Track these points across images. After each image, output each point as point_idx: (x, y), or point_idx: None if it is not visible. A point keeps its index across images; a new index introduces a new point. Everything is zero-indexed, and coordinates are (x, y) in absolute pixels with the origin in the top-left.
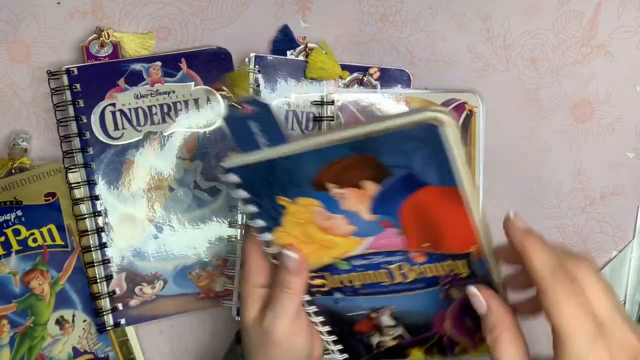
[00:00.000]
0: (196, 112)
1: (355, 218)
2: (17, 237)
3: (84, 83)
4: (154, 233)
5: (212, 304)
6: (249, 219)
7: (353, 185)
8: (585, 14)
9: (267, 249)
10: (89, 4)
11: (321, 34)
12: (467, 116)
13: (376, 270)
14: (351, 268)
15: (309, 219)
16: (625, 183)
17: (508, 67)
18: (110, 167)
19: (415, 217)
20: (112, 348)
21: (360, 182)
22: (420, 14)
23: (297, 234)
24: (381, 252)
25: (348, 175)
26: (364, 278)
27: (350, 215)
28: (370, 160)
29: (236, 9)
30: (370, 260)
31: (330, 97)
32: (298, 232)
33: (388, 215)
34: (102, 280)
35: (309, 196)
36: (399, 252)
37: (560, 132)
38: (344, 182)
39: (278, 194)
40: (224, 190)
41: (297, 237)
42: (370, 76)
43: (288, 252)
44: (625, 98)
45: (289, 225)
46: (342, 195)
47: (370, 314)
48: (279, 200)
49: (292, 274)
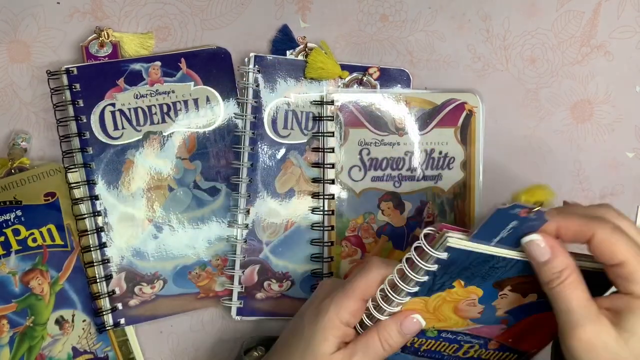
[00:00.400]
0: (196, 112)
1: (490, 310)
2: (16, 237)
3: (84, 83)
4: (154, 233)
5: (212, 304)
6: (408, 284)
7: (522, 293)
8: (585, 14)
9: (386, 306)
10: (89, 4)
11: (321, 34)
12: (466, 116)
13: (450, 344)
14: (436, 336)
15: (456, 301)
16: (625, 183)
17: (508, 67)
18: (109, 167)
19: (529, 324)
20: (111, 348)
21: (530, 293)
22: (420, 14)
23: (431, 306)
24: (472, 334)
25: (527, 286)
26: (436, 346)
27: (489, 308)
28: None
29: (236, 9)
30: (456, 337)
31: (330, 96)
32: (433, 305)
33: (513, 317)
34: (102, 280)
35: (481, 287)
36: (485, 338)
37: (560, 132)
38: (517, 289)
39: (461, 278)
40: (224, 190)
41: (427, 308)
42: (369, 76)
43: (419, 317)
44: (625, 98)
45: (434, 298)
46: (505, 296)
47: None
48: (456, 282)
49: (402, 335)
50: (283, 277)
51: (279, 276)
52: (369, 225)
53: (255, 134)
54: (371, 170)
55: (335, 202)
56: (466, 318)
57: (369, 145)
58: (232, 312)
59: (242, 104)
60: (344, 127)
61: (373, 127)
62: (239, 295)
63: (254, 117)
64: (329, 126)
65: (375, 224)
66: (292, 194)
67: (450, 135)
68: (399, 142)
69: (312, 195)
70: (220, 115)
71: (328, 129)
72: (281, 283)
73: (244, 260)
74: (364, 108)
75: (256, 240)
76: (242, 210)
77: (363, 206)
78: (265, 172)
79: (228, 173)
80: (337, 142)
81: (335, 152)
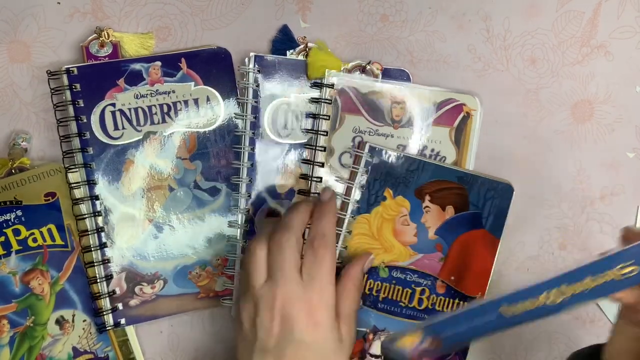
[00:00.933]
0: (196, 112)
1: (422, 233)
2: (17, 237)
3: (84, 83)
4: (154, 233)
5: (212, 304)
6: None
7: (441, 205)
8: (585, 14)
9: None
10: (89, 4)
11: (321, 34)
12: (463, 118)
13: (404, 288)
14: (388, 277)
15: (392, 217)
16: (625, 183)
17: (508, 67)
18: (110, 167)
19: (460, 250)
20: (112, 348)
21: (447, 205)
22: (420, 14)
23: (374, 226)
24: (417, 271)
25: (443, 195)
26: (390, 292)
27: (421, 228)
28: (463, 191)
29: (236, 9)
30: (406, 276)
31: (330, 80)
32: (375, 225)
33: (444, 241)
34: (102, 280)
35: (406, 197)
36: (430, 276)
37: (560, 132)
38: (436, 199)
39: (388, 186)
40: (224, 190)
41: (371, 230)
42: (373, 66)
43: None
44: (625, 98)
45: (374, 215)
46: (428, 209)
47: (368, 334)
48: (386, 192)
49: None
50: None
51: None
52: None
53: (255, 133)
54: None
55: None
56: (406, 244)
57: (363, 133)
58: (232, 312)
59: (242, 104)
60: (340, 112)
61: (369, 116)
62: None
63: (254, 117)
64: (325, 109)
65: None
66: (292, 194)
67: (445, 135)
68: (393, 135)
69: (300, 176)
70: (221, 115)
71: (324, 111)
72: None
73: None
74: (363, 96)
75: None
76: (242, 210)
77: None
78: (266, 172)
79: (228, 173)
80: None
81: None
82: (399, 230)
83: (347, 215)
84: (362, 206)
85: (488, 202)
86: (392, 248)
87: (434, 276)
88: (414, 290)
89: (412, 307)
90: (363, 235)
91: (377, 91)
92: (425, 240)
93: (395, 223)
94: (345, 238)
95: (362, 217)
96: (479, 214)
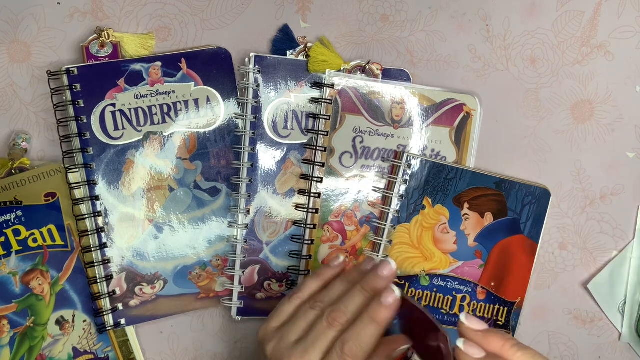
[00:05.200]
0: (196, 112)
1: (462, 240)
2: (17, 238)
3: (84, 83)
4: (154, 233)
5: (212, 304)
6: (390, 203)
7: (479, 211)
8: (585, 14)
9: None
10: (89, 4)
11: (321, 34)
12: (463, 118)
13: (445, 296)
14: (429, 285)
15: (432, 226)
16: (625, 183)
17: (508, 67)
18: (110, 167)
19: (499, 256)
20: (112, 348)
21: (486, 212)
22: (420, 14)
23: (414, 235)
24: (458, 278)
25: (481, 201)
26: (431, 299)
27: (461, 235)
28: (500, 197)
29: (236, 9)
30: (446, 284)
31: (331, 79)
32: (415, 234)
33: (484, 247)
34: (102, 281)
35: (445, 206)
36: (471, 283)
37: (560, 132)
38: (474, 206)
39: (427, 195)
40: (224, 190)
41: (412, 239)
42: (373, 66)
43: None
44: (625, 98)
45: (414, 224)
46: (467, 216)
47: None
48: (425, 201)
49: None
50: (283, 277)
51: (279, 276)
52: (353, 213)
53: (255, 134)
54: (362, 159)
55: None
56: (446, 252)
57: (364, 133)
58: (232, 312)
59: (243, 104)
60: (341, 112)
61: (370, 116)
62: (239, 296)
63: (254, 117)
64: (326, 109)
65: (359, 212)
66: (292, 194)
67: (445, 135)
68: (394, 135)
69: (300, 176)
70: (221, 115)
71: (325, 111)
72: (281, 283)
73: (244, 261)
74: (363, 96)
75: (256, 240)
76: (242, 210)
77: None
78: (266, 172)
79: (228, 173)
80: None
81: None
82: (438, 238)
83: (386, 225)
84: (401, 215)
85: (526, 207)
86: (433, 256)
87: (475, 283)
88: (455, 298)
89: (454, 314)
90: (404, 244)
91: (377, 91)
92: (465, 247)
93: (435, 231)
94: (386, 248)
95: (402, 226)
96: (517, 219)
